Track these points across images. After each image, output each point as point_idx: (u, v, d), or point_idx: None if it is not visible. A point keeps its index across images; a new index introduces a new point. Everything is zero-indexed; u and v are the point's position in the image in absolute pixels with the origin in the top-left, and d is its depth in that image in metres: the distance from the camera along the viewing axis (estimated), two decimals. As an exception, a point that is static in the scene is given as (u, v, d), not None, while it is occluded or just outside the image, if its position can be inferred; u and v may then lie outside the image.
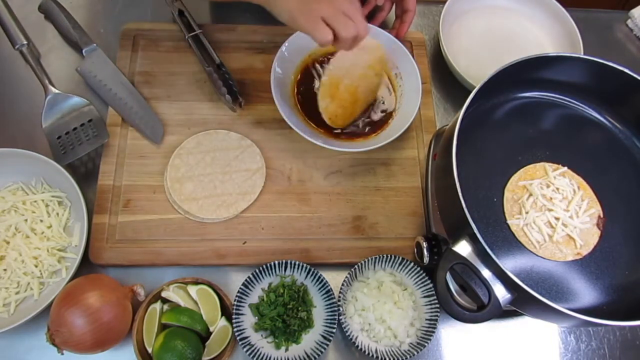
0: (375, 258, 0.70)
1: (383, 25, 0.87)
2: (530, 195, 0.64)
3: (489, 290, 0.54)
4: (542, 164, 0.67)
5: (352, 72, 0.76)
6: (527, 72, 0.67)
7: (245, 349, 0.65)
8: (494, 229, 0.62)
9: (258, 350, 0.66)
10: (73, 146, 0.74)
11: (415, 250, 0.71)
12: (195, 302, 0.67)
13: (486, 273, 0.54)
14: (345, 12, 0.60)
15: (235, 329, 0.65)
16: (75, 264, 0.66)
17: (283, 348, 0.67)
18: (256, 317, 0.68)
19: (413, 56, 0.83)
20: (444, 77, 0.89)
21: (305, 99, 0.81)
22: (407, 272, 0.71)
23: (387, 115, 0.82)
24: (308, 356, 0.66)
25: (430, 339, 0.66)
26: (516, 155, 0.67)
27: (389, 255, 0.70)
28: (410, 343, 0.68)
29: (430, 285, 0.69)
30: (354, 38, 0.61)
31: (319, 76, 0.81)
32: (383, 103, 0.82)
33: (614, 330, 0.76)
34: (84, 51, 0.81)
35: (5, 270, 0.68)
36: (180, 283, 0.68)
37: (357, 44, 0.63)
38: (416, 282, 0.71)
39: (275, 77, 0.77)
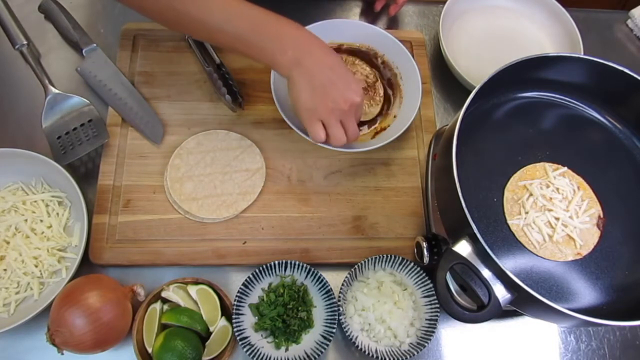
0: (375, 258, 0.70)
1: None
2: (531, 195, 0.64)
3: (489, 290, 0.54)
4: (542, 164, 0.67)
5: None
6: (527, 72, 0.67)
7: (245, 349, 0.65)
8: (494, 229, 0.62)
9: (258, 350, 0.66)
10: (73, 146, 0.74)
11: (415, 250, 0.71)
12: (195, 302, 0.67)
13: (486, 273, 0.54)
14: (342, 121, 0.67)
15: (235, 329, 0.65)
16: (75, 264, 0.66)
17: (283, 348, 0.67)
18: (256, 317, 0.68)
19: (413, 56, 0.83)
20: (444, 77, 0.89)
21: None
22: (407, 272, 0.71)
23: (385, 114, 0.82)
24: (308, 356, 0.66)
25: (430, 339, 0.66)
26: (516, 155, 0.67)
27: (389, 255, 0.70)
28: (410, 343, 0.68)
29: (430, 285, 0.69)
30: (340, 145, 0.69)
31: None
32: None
33: (614, 330, 0.76)
34: (84, 51, 0.81)
35: (5, 270, 0.68)
36: (180, 283, 0.68)
37: None
38: (416, 282, 0.71)
39: (275, 77, 0.77)
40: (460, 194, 0.55)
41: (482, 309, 0.54)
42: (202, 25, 0.63)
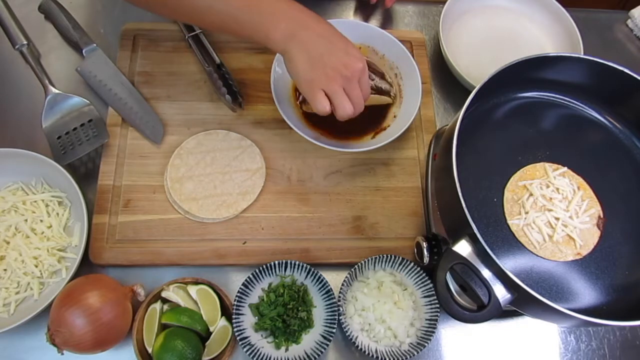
0: (375, 258, 0.70)
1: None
2: (531, 195, 0.64)
3: (489, 290, 0.54)
4: (542, 164, 0.67)
5: None
6: (527, 72, 0.67)
7: (245, 349, 0.65)
8: (494, 229, 0.62)
9: (258, 350, 0.66)
10: (73, 146, 0.74)
11: (415, 250, 0.71)
12: (195, 302, 0.67)
13: (486, 273, 0.54)
14: (346, 90, 0.63)
15: (235, 329, 0.65)
16: (75, 264, 0.66)
17: (283, 348, 0.67)
18: (256, 317, 0.68)
19: (413, 56, 0.83)
20: (444, 77, 0.89)
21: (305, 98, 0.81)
22: (407, 272, 0.71)
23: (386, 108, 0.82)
24: (308, 356, 0.66)
25: (430, 339, 0.66)
26: (516, 155, 0.67)
27: (389, 255, 0.70)
28: (410, 343, 0.68)
29: (430, 285, 0.69)
30: (348, 116, 0.65)
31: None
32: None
33: (614, 330, 0.76)
34: (84, 51, 0.81)
35: (5, 270, 0.68)
36: (180, 283, 0.68)
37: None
38: (416, 282, 0.71)
39: (275, 77, 0.77)
40: (460, 194, 0.55)
41: (482, 309, 0.54)
42: (193, 5, 0.61)
